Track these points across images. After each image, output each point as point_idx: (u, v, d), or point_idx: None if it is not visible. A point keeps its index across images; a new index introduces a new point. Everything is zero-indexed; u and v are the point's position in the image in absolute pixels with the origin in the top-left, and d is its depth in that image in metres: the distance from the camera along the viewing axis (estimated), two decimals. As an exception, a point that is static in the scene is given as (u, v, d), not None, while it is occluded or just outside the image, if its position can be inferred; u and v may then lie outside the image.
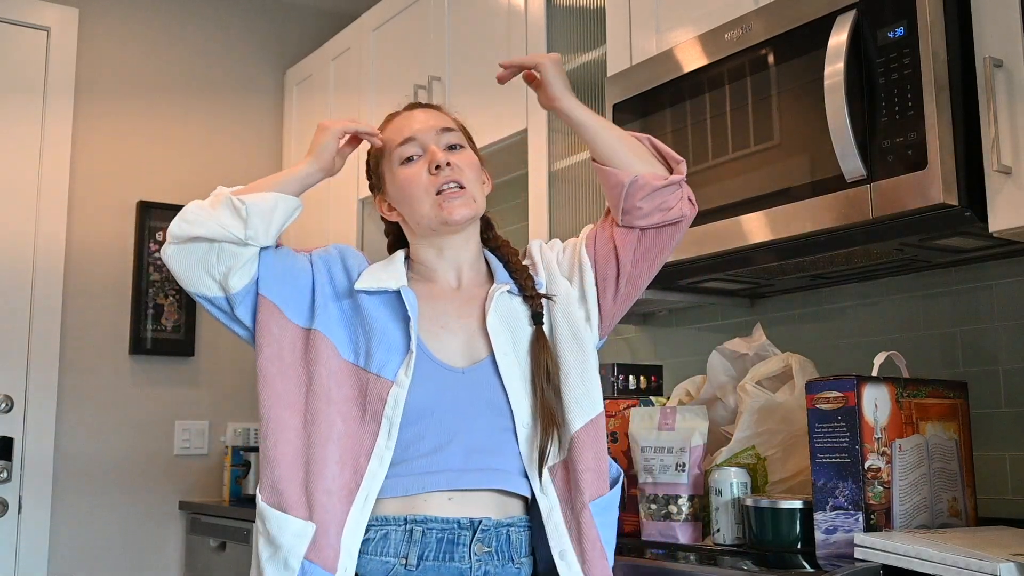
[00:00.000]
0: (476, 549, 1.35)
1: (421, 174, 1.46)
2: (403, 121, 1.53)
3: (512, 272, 1.51)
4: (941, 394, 1.70)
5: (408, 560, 1.34)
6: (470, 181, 1.47)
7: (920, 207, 1.53)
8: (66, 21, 3.40)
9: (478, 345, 1.43)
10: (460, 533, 1.35)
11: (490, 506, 1.38)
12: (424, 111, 1.54)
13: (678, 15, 2.10)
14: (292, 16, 3.90)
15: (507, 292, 1.46)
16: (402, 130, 1.51)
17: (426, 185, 1.46)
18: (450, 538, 1.35)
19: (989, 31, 1.54)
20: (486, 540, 1.36)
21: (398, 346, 1.40)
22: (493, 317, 1.43)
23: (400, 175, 1.49)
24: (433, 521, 1.35)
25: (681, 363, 2.49)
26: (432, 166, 1.46)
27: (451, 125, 1.53)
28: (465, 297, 1.49)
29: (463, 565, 1.34)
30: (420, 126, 1.50)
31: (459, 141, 1.51)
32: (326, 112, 3.51)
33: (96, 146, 3.45)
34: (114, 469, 3.35)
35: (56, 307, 3.27)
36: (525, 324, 1.46)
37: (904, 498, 1.57)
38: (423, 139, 1.48)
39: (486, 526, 1.36)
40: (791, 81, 1.74)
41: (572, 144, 2.48)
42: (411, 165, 1.48)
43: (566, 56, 2.48)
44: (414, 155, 1.48)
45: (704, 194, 1.89)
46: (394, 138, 1.51)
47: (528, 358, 1.43)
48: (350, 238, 3.28)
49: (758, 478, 1.76)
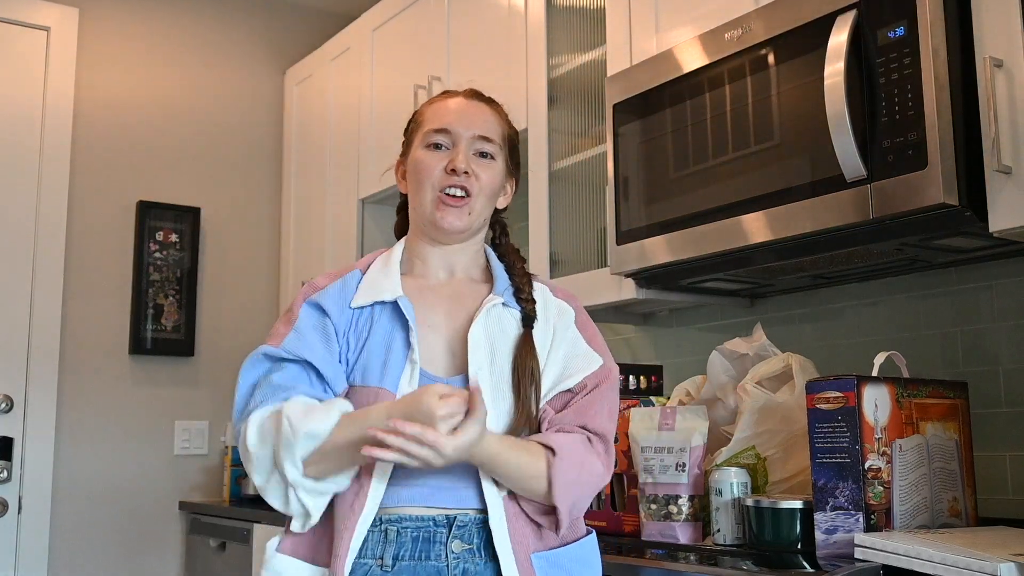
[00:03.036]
0: (454, 547, 1.32)
1: (437, 166, 1.44)
2: (451, 106, 1.48)
3: (512, 275, 1.49)
4: (941, 394, 1.70)
5: (384, 561, 1.32)
6: (478, 194, 1.45)
7: (920, 207, 1.53)
8: (66, 21, 3.40)
9: (458, 353, 1.41)
10: (436, 531, 1.33)
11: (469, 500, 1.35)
12: (478, 107, 1.50)
13: (678, 15, 2.10)
14: (292, 16, 3.90)
15: (501, 305, 1.44)
16: (443, 116, 1.47)
17: (436, 179, 1.44)
18: (426, 536, 1.32)
19: (989, 31, 1.54)
20: (464, 536, 1.33)
21: (397, 356, 1.38)
22: (477, 329, 1.40)
23: (418, 155, 1.47)
24: (408, 520, 1.33)
25: (681, 363, 2.49)
26: (449, 167, 1.43)
27: (492, 135, 1.48)
28: (455, 293, 1.47)
29: (440, 563, 1.32)
30: (462, 122, 1.46)
31: (493, 152, 1.47)
32: (326, 112, 3.50)
33: (96, 146, 3.44)
34: (114, 469, 3.35)
35: (56, 307, 3.27)
36: (511, 331, 1.42)
37: (904, 498, 1.57)
38: (456, 135, 1.45)
39: (463, 522, 1.33)
40: (791, 81, 1.74)
41: (572, 144, 2.48)
42: (433, 152, 1.45)
43: (566, 56, 2.48)
44: (441, 144, 1.46)
45: (704, 194, 1.89)
46: (432, 118, 1.48)
47: (510, 364, 1.39)
48: (350, 238, 3.28)
49: (758, 478, 1.76)
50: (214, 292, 3.61)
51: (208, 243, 3.61)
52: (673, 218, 1.96)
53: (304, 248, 3.59)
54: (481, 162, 1.45)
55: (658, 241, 1.99)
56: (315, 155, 3.56)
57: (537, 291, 1.49)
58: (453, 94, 1.52)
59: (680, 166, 1.95)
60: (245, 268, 3.69)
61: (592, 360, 1.44)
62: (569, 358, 1.44)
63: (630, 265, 2.06)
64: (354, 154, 3.29)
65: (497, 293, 1.45)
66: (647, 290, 2.16)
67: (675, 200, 1.96)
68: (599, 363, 1.44)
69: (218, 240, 3.64)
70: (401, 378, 1.36)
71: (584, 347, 1.46)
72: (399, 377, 1.37)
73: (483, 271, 1.52)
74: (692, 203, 1.92)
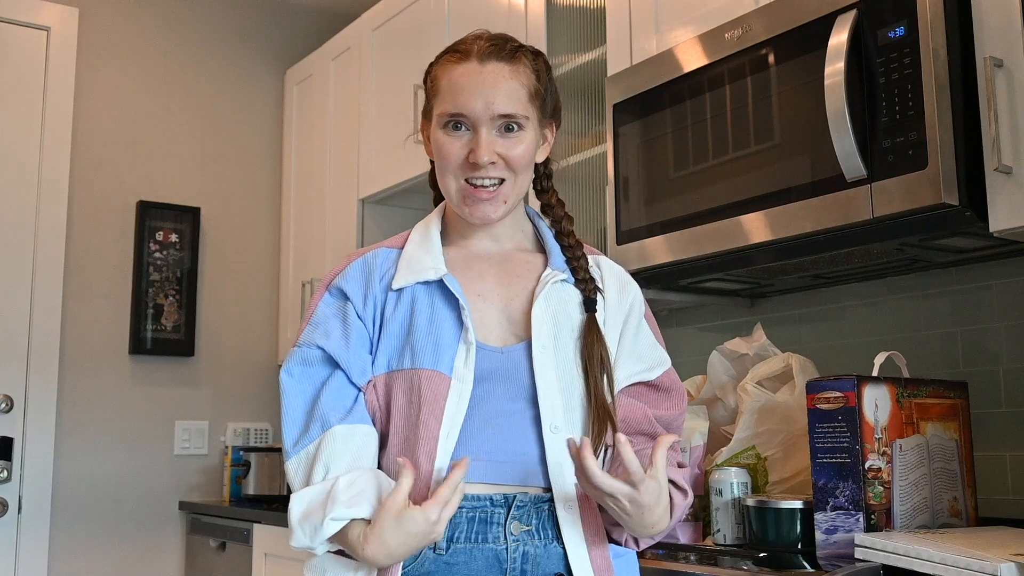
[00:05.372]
0: (512, 528, 1.22)
1: (458, 153, 1.28)
2: (464, 81, 1.28)
3: (564, 247, 1.36)
4: (941, 394, 1.70)
5: (437, 543, 1.21)
6: (511, 176, 1.29)
7: (920, 207, 1.53)
8: (66, 21, 3.40)
9: (517, 325, 1.30)
10: (493, 511, 1.22)
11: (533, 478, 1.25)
12: (496, 74, 1.28)
13: (678, 15, 2.10)
14: (292, 16, 3.90)
15: (562, 281, 1.33)
16: (456, 96, 1.27)
17: (459, 166, 1.29)
18: (482, 517, 1.22)
19: (989, 31, 1.54)
20: (523, 518, 1.23)
21: (450, 336, 1.27)
22: (540, 307, 1.29)
23: (438, 138, 1.30)
24: (464, 499, 1.21)
25: (681, 363, 2.49)
26: (471, 158, 1.27)
27: (517, 109, 1.28)
28: (506, 263, 1.35)
29: (498, 546, 1.22)
30: (478, 102, 1.26)
31: (521, 122, 1.29)
32: (326, 112, 3.51)
33: (96, 146, 3.44)
34: (114, 469, 3.35)
35: (56, 307, 3.27)
36: (574, 313, 1.32)
37: (904, 498, 1.57)
38: (475, 119, 1.27)
39: (522, 502, 1.23)
40: (791, 81, 1.74)
41: (572, 144, 2.48)
42: (452, 135, 1.29)
43: (566, 56, 2.48)
44: (461, 124, 1.28)
45: (704, 194, 1.89)
46: (446, 95, 1.29)
47: (576, 348, 1.29)
48: (350, 238, 3.28)
49: (758, 478, 1.76)
50: (214, 292, 3.61)
51: (208, 243, 3.61)
52: (673, 218, 1.96)
53: (304, 248, 3.59)
54: (508, 138, 1.28)
55: (658, 241, 1.99)
56: (315, 155, 3.56)
57: (592, 263, 1.38)
58: (465, 55, 1.29)
59: (680, 166, 1.95)
60: (245, 268, 3.69)
61: (663, 355, 1.39)
62: (648, 348, 1.37)
63: (630, 265, 2.06)
64: (354, 154, 3.29)
65: (555, 268, 1.33)
66: (647, 290, 2.15)
67: (675, 200, 1.96)
68: (668, 362, 1.40)
69: (218, 240, 3.64)
70: (456, 359, 1.26)
71: (652, 339, 1.40)
72: (453, 358, 1.26)
73: (532, 238, 1.40)
74: (692, 203, 1.92)
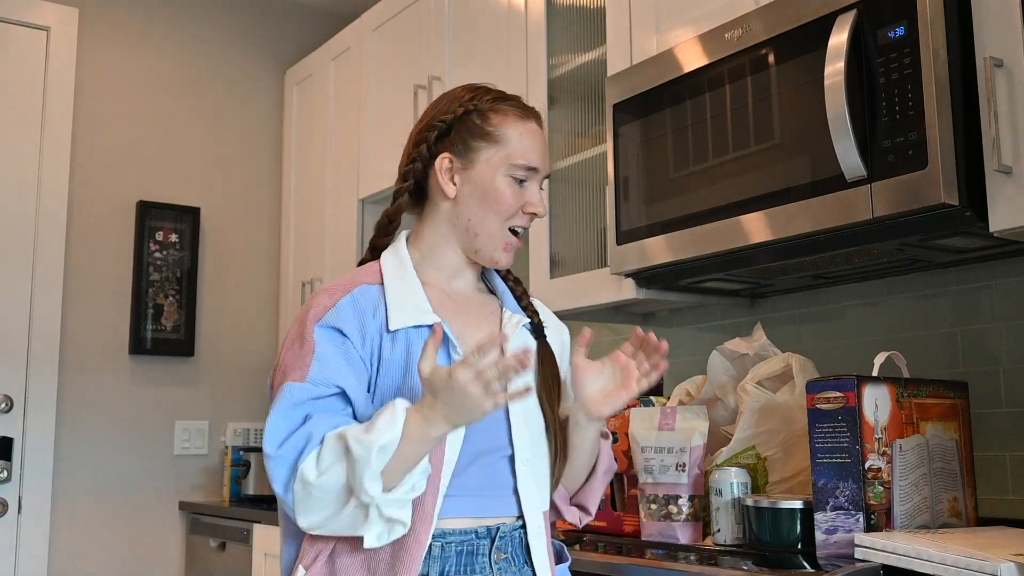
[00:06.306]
0: (495, 557, 1.34)
1: (515, 203, 1.41)
2: (535, 142, 1.43)
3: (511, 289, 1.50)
4: (941, 394, 1.70)
5: None
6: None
7: (920, 207, 1.53)
8: (66, 21, 3.40)
9: None
10: (479, 543, 1.33)
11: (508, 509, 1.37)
12: (544, 137, 1.46)
13: (678, 15, 2.10)
14: (292, 16, 3.90)
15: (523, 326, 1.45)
16: (530, 151, 1.42)
17: (510, 215, 1.41)
18: (470, 549, 1.32)
19: (989, 31, 1.54)
20: (503, 547, 1.35)
21: None
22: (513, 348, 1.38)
23: (499, 185, 1.40)
24: (452, 534, 1.31)
25: (681, 363, 2.49)
26: (529, 208, 1.41)
27: None
28: (469, 304, 1.45)
29: (484, 575, 1.33)
30: (544, 160, 1.44)
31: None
32: (326, 112, 3.50)
33: (96, 146, 3.45)
34: (114, 469, 3.35)
35: (56, 307, 3.27)
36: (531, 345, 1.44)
37: (904, 498, 1.57)
38: (539, 174, 1.44)
39: (503, 532, 1.35)
40: (791, 81, 1.74)
41: (572, 144, 2.48)
42: (515, 186, 1.41)
43: (566, 56, 2.48)
44: (526, 181, 1.42)
45: (704, 194, 1.89)
46: (521, 150, 1.41)
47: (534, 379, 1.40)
48: (350, 238, 3.28)
49: (758, 478, 1.76)
50: (214, 292, 3.62)
51: (208, 243, 3.61)
52: (673, 218, 1.96)
53: (304, 248, 3.59)
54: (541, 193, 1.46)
55: (658, 241, 1.99)
56: (315, 155, 3.56)
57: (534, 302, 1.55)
58: (526, 112, 1.45)
59: (680, 166, 1.95)
60: (245, 268, 3.69)
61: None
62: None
63: (630, 265, 2.06)
64: (354, 154, 3.29)
65: (509, 308, 1.47)
66: (647, 290, 2.16)
67: (675, 200, 1.96)
68: None
69: (218, 240, 3.64)
70: None
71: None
72: None
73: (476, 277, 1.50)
74: (692, 203, 1.92)
